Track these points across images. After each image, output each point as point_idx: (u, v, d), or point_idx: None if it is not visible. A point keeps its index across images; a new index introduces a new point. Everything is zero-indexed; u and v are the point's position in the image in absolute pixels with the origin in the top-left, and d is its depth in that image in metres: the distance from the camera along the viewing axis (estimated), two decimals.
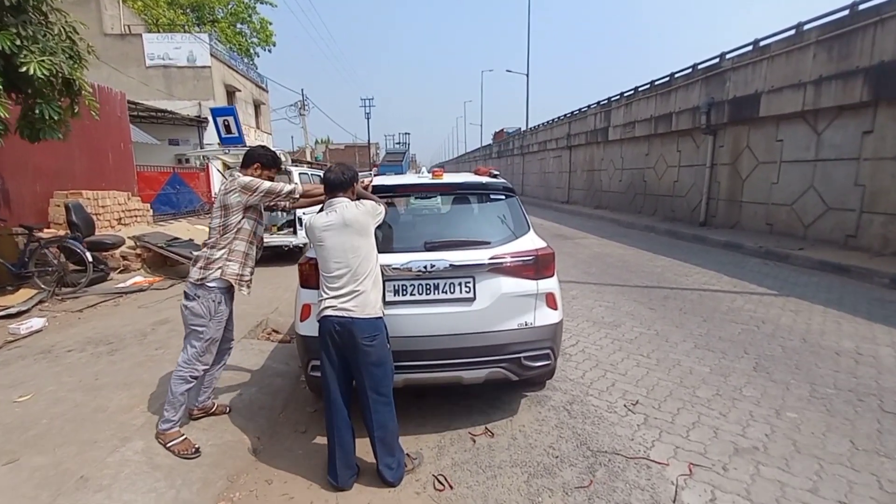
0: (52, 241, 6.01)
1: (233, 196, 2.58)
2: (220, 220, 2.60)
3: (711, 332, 4.59)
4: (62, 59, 4.87)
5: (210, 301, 2.59)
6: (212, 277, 2.58)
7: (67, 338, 4.40)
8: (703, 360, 3.94)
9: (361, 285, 2.29)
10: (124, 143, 10.38)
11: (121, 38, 17.89)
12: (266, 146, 2.86)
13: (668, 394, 3.37)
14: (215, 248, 2.61)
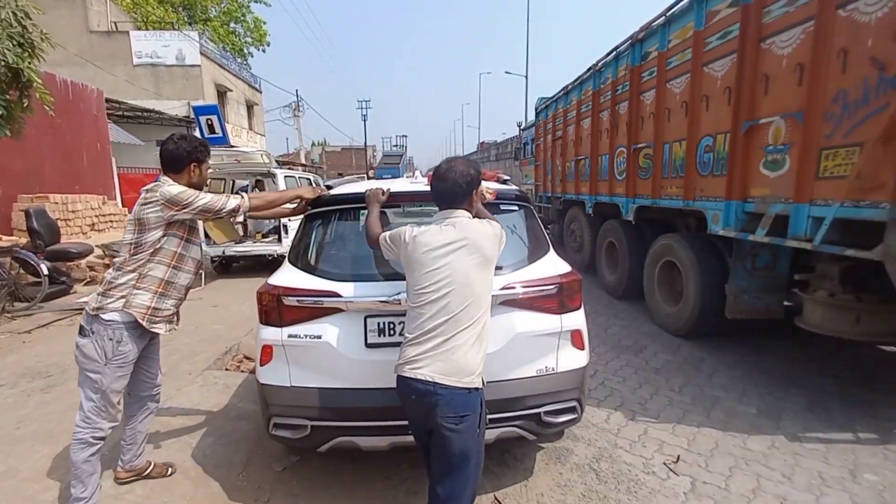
0: (2, 251, 5.38)
1: (150, 210, 1.98)
2: (132, 235, 2.01)
3: (748, 360, 4.00)
4: (6, 47, 4.26)
5: (106, 339, 1.97)
6: (110, 308, 1.97)
7: (3, 367, 3.77)
8: (747, 398, 3.34)
9: (460, 338, 1.60)
10: (101, 143, 9.78)
11: (107, 35, 17.27)
12: (186, 135, 2.21)
13: (714, 445, 2.78)
14: (121, 270, 2.01)
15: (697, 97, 3.93)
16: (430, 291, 1.63)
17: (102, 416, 2.03)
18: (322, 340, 2.05)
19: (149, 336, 2.15)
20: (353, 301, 2.03)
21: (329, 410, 2.07)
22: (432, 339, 1.61)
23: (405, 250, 1.73)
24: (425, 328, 1.62)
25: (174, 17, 22.07)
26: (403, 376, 1.64)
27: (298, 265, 2.25)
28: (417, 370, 1.60)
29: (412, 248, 1.70)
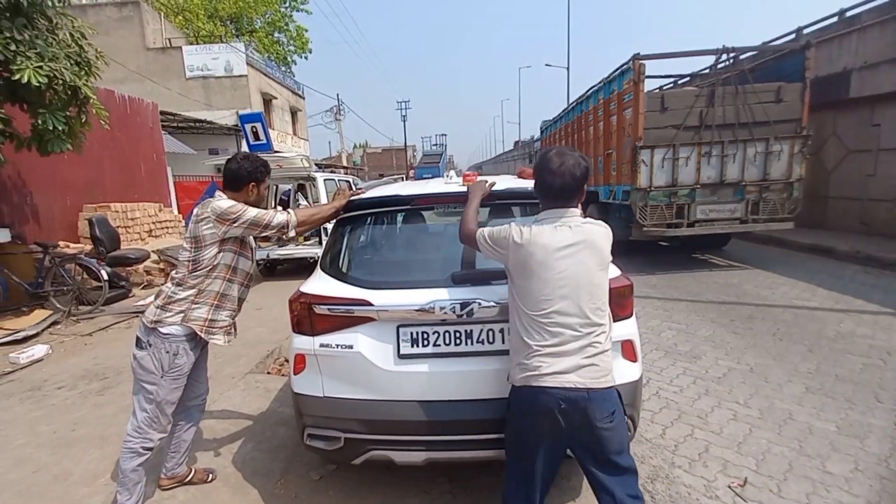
0: (67, 258, 5.74)
1: (205, 227, 2.00)
2: (189, 253, 2.04)
3: (823, 369, 3.59)
4: (64, 66, 4.51)
5: (163, 352, 1.99)
6: (169, 322, 1.99)
7: (64, 370, 3.99)
8: (824, 412, 2.99)
9: (598, 340, 1.55)
10: (157, 153, 10.30)
11: (162, 51, 18.31)
12: (249, 155, 2.24)
13: (788, 467, 2.47)
14: (181, 285, 2.04)
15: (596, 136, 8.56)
16: (557, 297, 1.54)
17: (154, 426, 2.05)
18: (354, 351, 1.97)
19: (201, 347, 2.18)
20: (385, 310, 1.93)
21: (362, 423, 1.98)
22: (571, 343, 1.53)
23: (517, 252, 1.60)
24: (561, 334, 1.53)
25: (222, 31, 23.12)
26: (545, 387, 1.51)
27: (330, 272, 2.18)
28: (564, 379, 1.50)
29: (529, 250, 1.58)
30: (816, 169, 9.45)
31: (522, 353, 1.58)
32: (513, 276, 1.65)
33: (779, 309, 5.07)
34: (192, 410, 2.32)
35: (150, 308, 2.06)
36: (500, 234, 1.66)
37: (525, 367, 1.56)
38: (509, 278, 1.69)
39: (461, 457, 2.03)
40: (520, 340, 1.59)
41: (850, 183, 8.61)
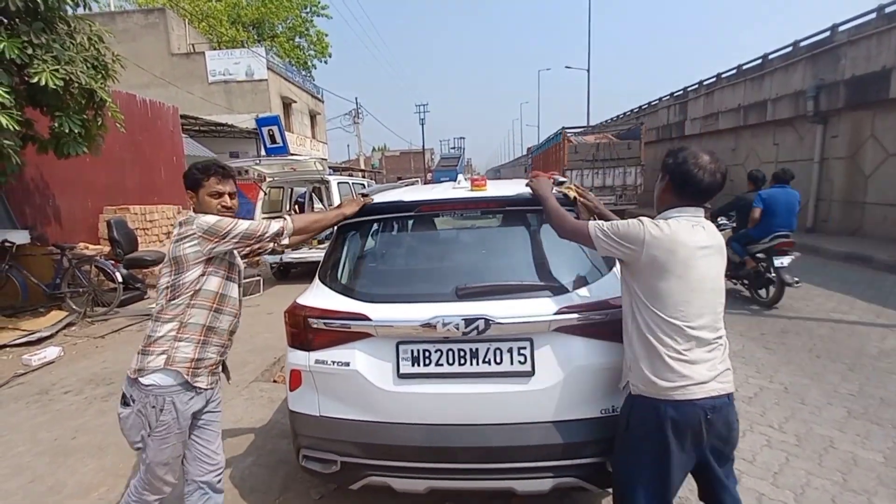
0: (83, 260, 5.80)
1: (189, 245, 1.70)
2: (168, 277, 1.72)
3: (867, 391, 3.30)
4: (81, 69, 4.53)
5: (148, 408, 1.66)
6: (151, 368, 1.66)
7: (74, 373, 3.97)
8: (869, 441, 2.72)
9: (723, 342, 1.51)
10: (177, 156, 10.44)
11: (186, 57, 18.70)
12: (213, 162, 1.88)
13: (831, 502, 2.23)
14: (159, 320, 1.72)
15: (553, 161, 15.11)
16: (695, 299, 1.46)
17: (147, 489, 1.78)
18: (350, 368, 1.83)
19: (203, 401, 1.80)
20: (384, 325, 1.79)
21: (359, 446, 1.84)
22: (706, 347, 1.46)
23: (655, 249, 1.46)
24: (697, 339, 1.44)
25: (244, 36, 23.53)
26: (692, 399, 1.42)
27: (328, 283, 2.04)
28: (709, 388, 1.43)
29: (671, 248, 1.46)
30: (852, 172, 8.98)
31: (651, 360, 1.47)
32: (642, 276, 1.51)
33: (814, 322, 4.75)
34: (205, 488, 1.87)
35: (135, 357, 1.74)
36: (630, 228, 1.52)
37: (659, 376, 1.45)
38: (630, 277, 1.56)
39: (465, 486, 1.87)
40: (646, 345, 1.48)
41: (891, 188, 8.12)
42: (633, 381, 1.54)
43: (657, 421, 1.44)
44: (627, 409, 1.57)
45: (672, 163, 1.57)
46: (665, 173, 1.59)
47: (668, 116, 16.45)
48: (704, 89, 13.94)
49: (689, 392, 1.41)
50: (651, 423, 1.46)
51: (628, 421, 1.55)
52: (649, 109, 18.33)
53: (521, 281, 1.86)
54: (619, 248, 1.53)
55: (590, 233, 1.61)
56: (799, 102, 9.87)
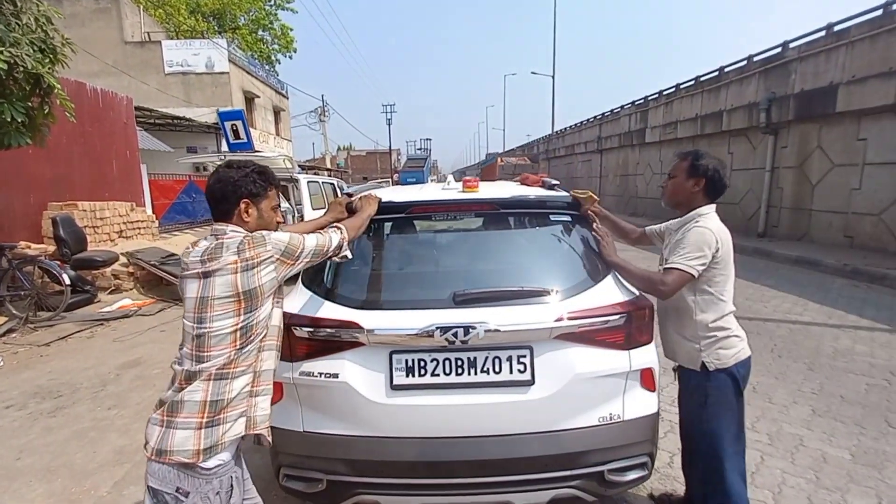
0: (25, 260, 5.32)
1: (266, 272, 1.34)
2: (234, 318, 1.30)
3: (827, 389, 3.47)
4: (26, 52, 4.14)
5: (211, 496, 1.29)
6: (228, 442, 1.30)
7: (15, 385, 3.61)
8: (835, 438, 2.84)
9: None
10: (130, 150, 9.81)
11: (140, 45, 17.69)
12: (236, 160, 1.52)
13: (807, 502, 2.31)
14: (227, 377, 1.30)
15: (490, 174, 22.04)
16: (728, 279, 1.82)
17: None
18: (339, 380, 1.71)
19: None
20: (376, 334, 1.69)
21: (348, 463, 1.73)
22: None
23: (724, 246, 1.77)
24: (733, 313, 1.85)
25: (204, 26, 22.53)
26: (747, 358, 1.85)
27: (313, 288, 1.91)
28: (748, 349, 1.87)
29: (727, 245, 1.79)
30: (800, 181, 9.55)
31: (720, 336, 1.80)
32: (713, 269, 1.77)
33: (772, 323, 4.98)
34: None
35: (178, 434, 1.25)
36: (704, 238, 1.76)
37: (732, 346, 1.81)
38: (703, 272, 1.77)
39: (462, 503, 1.79)
40: (718, 328, 1.80)
41: (835, 196, 8.69)
42: (709, 359, 1.80)
43: (734, 382, 1.80)
44: (704, 387, 1.83)
45: (710, 168, 1.83)
46: (700, 176, 1.83)
47: (630, 124, 17.01)
48: (664, 98, 14.49)
49: (746, 350, 1.83)
50: (729, 386, 1.80)
51: (707, 396, 1.82)
52: (611, 117, 18.90)
53: (521, 286, 1.81)
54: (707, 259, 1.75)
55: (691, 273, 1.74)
56: (752, 114, 10.42)
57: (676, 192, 1.90)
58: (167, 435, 1.26)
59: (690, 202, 1.87)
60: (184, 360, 1.33)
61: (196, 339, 1.30)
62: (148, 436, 1.29)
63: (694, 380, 1.87)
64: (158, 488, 1.26)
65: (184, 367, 1.32)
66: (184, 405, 1.27)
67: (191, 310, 1.31)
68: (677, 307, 1.86)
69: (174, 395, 1.29)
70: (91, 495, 2.25)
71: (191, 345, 1.31)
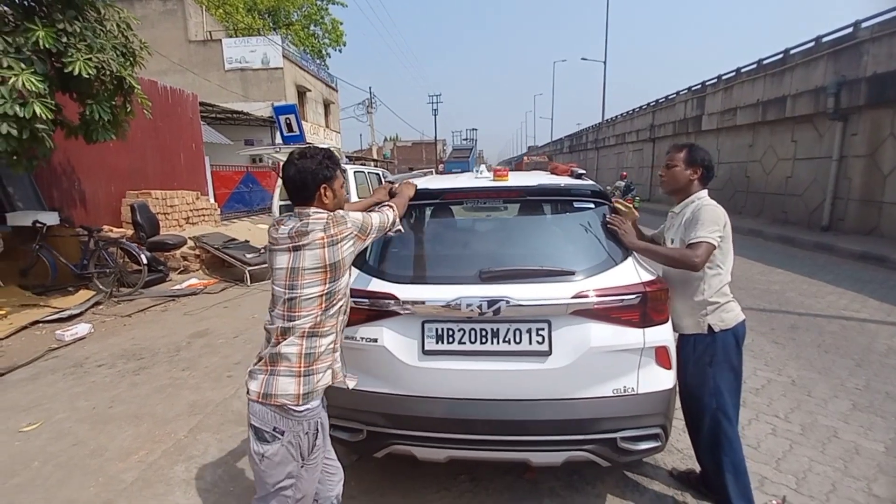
0: (110, 242, 6.00)
1: (347, 246, 1.55)
2: (323, 286, 1.51)
3: (873, 385, 3.36)
4: (111, 57, 4.68)
5: (301, 435, 1.51)
6: (320, 389, 1.55)
7: (105, 348, 4.17)
8: (872, 432, 2.79)
9: None
10: (196, 143, 10.62)
11: (203, 44, 18.86)
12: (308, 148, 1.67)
13: (831, 488, 2.32)
14: (318, 335, 1.53)
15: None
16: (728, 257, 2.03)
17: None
18: (378, 345, 1.95)
19: None
20: (411, 305, 1.91)
21: (385, 417, 1.97)
22: None
23: (727, 225, 1.99)
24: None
25: (260, 24, 23.62)
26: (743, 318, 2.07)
27: (355, 264, 2.16)
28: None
29: (728, 220, 1.99)
30: (871, 171, 8.88)
31: (723, 302, 2.00)
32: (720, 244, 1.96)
33: (824, 319, 4.79)
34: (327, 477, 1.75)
35: (279, 380, 1.47)
36: (717, 213, 1.96)
37: (732, 310, 2.02)
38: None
39: (483, 457, 1.99)
40: (721, 293, 2.00)
41: None
42: (714, 321, 1.98)
43: (735, 340, 2.00)
44: (711, 348, 2.00)
45: (706, 159, 2.10)
46: (697, 165, 2.07)
47: (686, 111, 16.28)
48: (723, 84, 13.77)
49: (741, 314, 2.04)
50: (732, 345, 2.00)
51: (713, 355, 1.99)
52: (665, 103, 18.15)
53: (542, 266, 1.97)
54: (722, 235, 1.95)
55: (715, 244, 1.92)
56: (819, 99, 9.74)
57: (676, 180, 2.10)
58: (272, 381, 1.47)
59: (688, 189, 2.09)
60: (275, 319, 1.54)
61: (287, 301, 1.50)
62: (250, 384, 1.52)
63: (701, 342, 2.02)
64: (259, 426, 1.48)
65: (276, 325, 1.53)
66: (283, 357, 1.49)
67: (281, 278, 1.52)
68: (685, 279, 2.01)
69: (273, 349, 1.51)
70: (171, 437, 2.65)
71: (282, 307, 1.51)
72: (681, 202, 2.11)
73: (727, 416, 2.03)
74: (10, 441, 2.69)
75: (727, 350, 2.00)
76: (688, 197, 2.09)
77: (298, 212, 1.58)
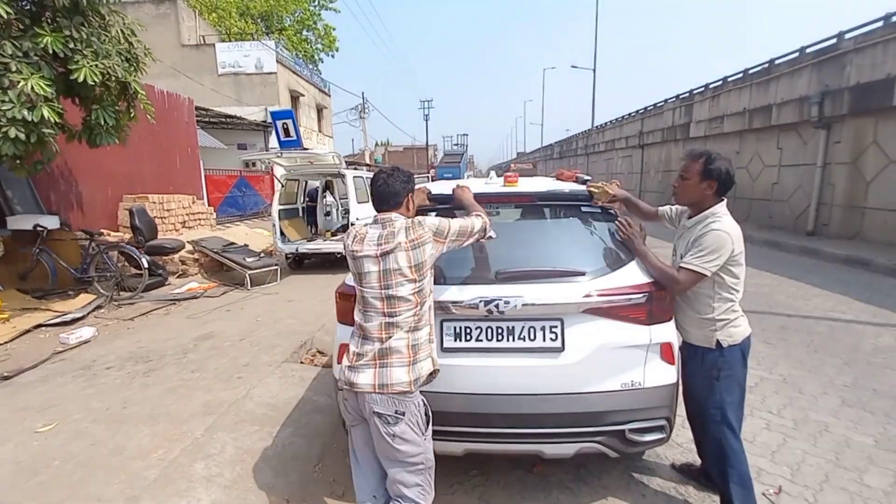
0: (110, 246, 6.01)
1: (428, 248, 1.75)
2: (413, 284, 1.71)
3: (861, 383, 3.52)
4: (116, 62, 4.73)
5: (416, 412, 1.73)
6: (425, 374, 1.75)
7: (111, 351, 4.19)
8: (861, 426, 2.94)
9: None
10: (191, 147, 10.63)
11: (196, 48, 18.81)
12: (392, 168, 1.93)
13: (824, 478, 2.46)
14: (418, 328, 1.74)
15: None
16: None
17: (428, 496, 1.78)
18: None
19: None
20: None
21: None
22: None
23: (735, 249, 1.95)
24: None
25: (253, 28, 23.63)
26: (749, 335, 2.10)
27: None
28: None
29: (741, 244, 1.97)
30: (854, 178, 9.18)
31: (732, 318, 2.02)
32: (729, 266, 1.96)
33: (813, 320, 4.97)
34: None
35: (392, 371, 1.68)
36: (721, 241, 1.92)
37: (740, 325, 2.04)
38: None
39: (499, 450, 2.09)
40: (731, 311, 2.01)
41: (891, 193, 8.33)
42: (723, 337, 2.00)
43: (742, 355, 2.04)
44: (717, 362, 2.02)
45: (723, 170, 1.96)
46: (713, 179, 1.96)
47: (674, 118, 16.63)
48: (710, 92, 14.11)
49: (748, 328, 2.07)
50: (738, 360, 2.03)
51: (720, 370, 2.02)
52: (654, 111, 18.51)
53: (554, 267, 2.08)
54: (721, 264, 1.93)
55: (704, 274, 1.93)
56: (803, 108, 10.06)
57: (689, 194, 2.04)
58: (385, 373, 1.68)
59: (703, 202, 2.02)
60: (371, 317, 1.74)
61: (386, 300, 1.71)
62: (356, 377, 1.70)
63: (709, 356, 2.03)
64: (382, 412, 1.67)
65: (374, 322, 1.73)
66: (394, 350, 1.70)
67: (375, 280, 1.73)
68: (697, 292, 2.03)
69: (380, 345, 1.70)
70: (189, 436, 2.71)
71: (381, 305, 1.72)
72: (696, 215, 2.05)
73: (732, 429, 2.06)
74: (28, 441, 2.72)
75: (734, 365, 2.03)
76: (702, 211, 2.02)
77: (381, 219, 1.81)
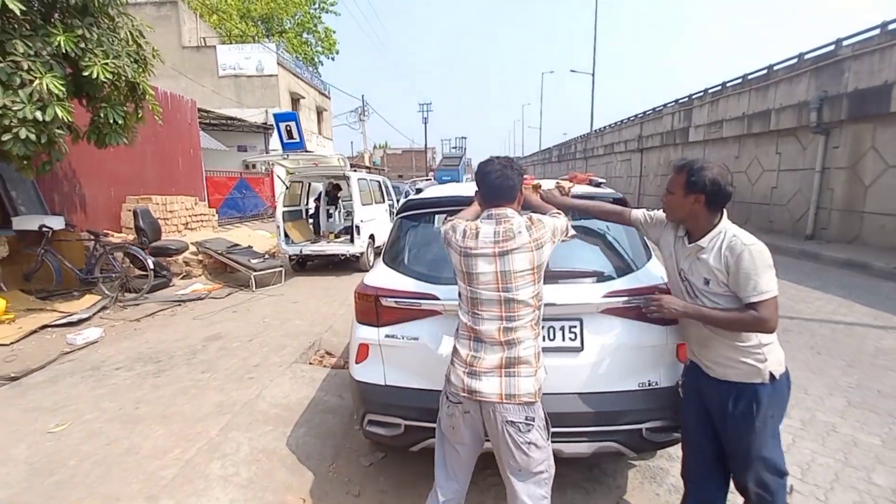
0: (116, 246, 6.01)
1: (547, 249, 1.64)
2: (533, 287, 1.61)
3: (865, 384, 3.57)
4: (126, 63, 4.75)
5: (542, 419, 1.65)
6: (541, 381, 1.66)
7: (119, 352, 4.19)
8: (868, 426, 2.98)
9: None
10: (193, 149, 10.64)
11: (197, 50, 18.83)
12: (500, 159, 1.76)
13: (834, 478, 2.49)
14: (538, 334, 1.66)
15: None
16: None
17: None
18: (419, 342, 2.07)
19: None
20: (451, 304, 2.03)
21: (424, 411, 2.07)
22: None
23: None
24: None
25: (254, 31, 23.67)
26: None
27: (393, 266, 2.29)
28: None
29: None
30: (853, 183, 9.29)
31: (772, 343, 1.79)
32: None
33: (815, 323, 5.02)
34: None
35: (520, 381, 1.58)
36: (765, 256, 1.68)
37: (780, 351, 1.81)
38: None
39: None
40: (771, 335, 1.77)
41: (890, 198, 8.43)
42: (774, 366, 1.75)
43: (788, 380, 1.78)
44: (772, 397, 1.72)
45: (708, 181, 1.63)
46: (699, 192, 1.64)
47: (673, 122, 16.75)
48: (710, 97, 14.23)
49: None
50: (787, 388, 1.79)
51: (778, 407, 1.75)
52: (653, 115, 18.63)
53: (572, 269, 2.11)
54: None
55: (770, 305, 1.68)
56: (802, 113, 10.17)
57: (677, 209, 1.75)
58: (513, 382, 1.58)
59: (696, 217, 1.71)
60: (485, 322, 1.60)
61: (505, 304, 1.59)
62: (479, 385, 1.58)
63: (763, 393, 1.69)
64: (514, 420, 1.58)
65: (488, 327, 1.60)
66: (522, 360, 1.59)
67: (492, 281, 1.59)
68: None
69: (505, 352, 1.59)
70: (203, 436, 2.72)
71: (499, 309, 1.59)
72: (696, 234, 1.73)
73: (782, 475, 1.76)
74: (41, 441, 2.72)
75: (786, 395, 1.76)
76: (707, 231, 1.70)
77: (496, 214, 1.66)
